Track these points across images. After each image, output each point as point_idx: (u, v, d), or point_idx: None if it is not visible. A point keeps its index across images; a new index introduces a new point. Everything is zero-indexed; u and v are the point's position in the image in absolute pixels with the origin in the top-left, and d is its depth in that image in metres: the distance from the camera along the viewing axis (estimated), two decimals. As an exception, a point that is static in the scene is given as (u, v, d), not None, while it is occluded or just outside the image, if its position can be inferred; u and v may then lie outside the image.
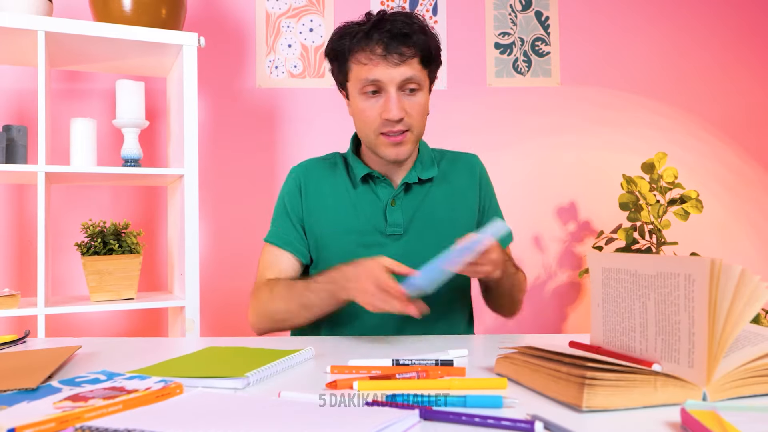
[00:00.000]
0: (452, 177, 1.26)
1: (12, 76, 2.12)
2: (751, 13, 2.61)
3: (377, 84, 1.11)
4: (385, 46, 1.09)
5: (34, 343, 1.01)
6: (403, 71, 1.10)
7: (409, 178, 1.20)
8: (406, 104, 1.12)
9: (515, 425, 0.52)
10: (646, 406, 0.57)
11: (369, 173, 1.21)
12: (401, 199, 1.21)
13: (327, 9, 2.38)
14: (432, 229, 1.19)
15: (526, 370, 0.68)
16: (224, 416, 0.54)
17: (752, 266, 2.49)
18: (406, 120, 1.12)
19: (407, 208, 1.20)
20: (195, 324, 1.77)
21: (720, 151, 2.56)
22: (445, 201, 1.23)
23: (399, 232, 1.19)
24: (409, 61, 1.11)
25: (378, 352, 0.91)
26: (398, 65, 1.10)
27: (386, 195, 1.21)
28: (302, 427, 0.50)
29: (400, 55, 1.09)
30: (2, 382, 0.66)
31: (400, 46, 1.09)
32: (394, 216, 1.19)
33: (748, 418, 0.51)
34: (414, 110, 1.13)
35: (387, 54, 1.09)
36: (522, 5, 2.50)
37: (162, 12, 1.83)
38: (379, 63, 1.10)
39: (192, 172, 1.80)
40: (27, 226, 2.13)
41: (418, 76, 1.12)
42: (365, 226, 1.19)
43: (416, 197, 1.22)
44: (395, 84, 1.11)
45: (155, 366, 0.76)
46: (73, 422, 0.52)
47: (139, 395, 0.59)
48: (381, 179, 1.21)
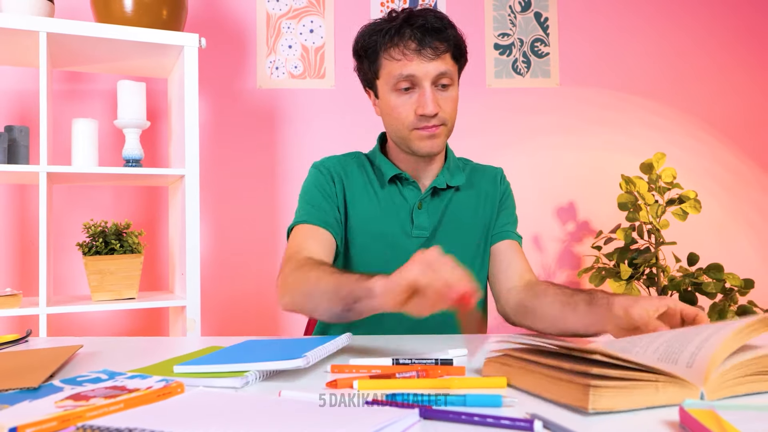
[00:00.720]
0: (478, 185, 1.25)
1: (14, 77, 2.12)
2: (749, 14, 2.61)
3: (411, 79, 1.10)
4: (418, 41, 1.09)
5: (35, 343, 1.01)
6: (437, 66, 1.09)
7: (438, 182, 1.19)
8: (440, 99, 1.11)
9: (514, 424, 0.52)
10: (648, 407, 0.56)
11: (398, 174, 1.20)
12: (428, 202, 1.19)
13: (327, 10, 2.37)
14: (457, 235, 1.18)
15: (521, 372, 0.66)
16: (225, 415, 0.54)
17: (749, 265, 2.49)
18: (441, 115, 1.11)
19: (433, 212, 1.19)
20: (196, 323, 1.77)
21: (718, 151, 2.56)
22: (471, 207, 1.22)
23: (425, 235, 1.17)
24: (442, 56, 1.10)
25: (378, 351, 0.90)
26: (432, 60, 1.09)
27: (413, 197, 1.19)
28: (302, 427, 0.50)
29: (434, 49, 1.09)
30: (4, 382, 0.66)
31: (434, 41, 1.09)
32: (421, 219, 1.18)
33: (745, 417, 0.51)
34: (447, 105, 1.12)
35: (421, 49, 1.09)
36: (521, 6, 2.50)
37: (163, 13, 1.83)
38: (413, 58, 1.09)
39: (193, 172, 1.79)
40: (29, 226, 2.13)
41: (451, 71, 1.12)
42: (391, 226, 1.18)
43: (443, 202, 1.20)
44: (430, 79, 1.10)
45: (157, 365, 0.76)
46: (75, 421, 0.52)
47: (141, 394, 0.59)
48: (409, 181, 1.20)
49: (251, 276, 2.28)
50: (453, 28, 1.13)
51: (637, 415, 0.54)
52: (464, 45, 1.16)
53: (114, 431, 0.47)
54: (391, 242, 1.17)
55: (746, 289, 2.09)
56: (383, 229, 1.17)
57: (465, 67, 1.20)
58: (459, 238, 1.18)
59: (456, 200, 1.21)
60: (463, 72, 1.21)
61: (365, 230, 1.18)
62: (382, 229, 1.17)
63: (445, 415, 0.55)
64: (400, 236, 1.17)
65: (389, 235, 1.17)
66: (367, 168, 1.24)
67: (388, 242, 1.17)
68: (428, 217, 1.18)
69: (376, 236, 1.17)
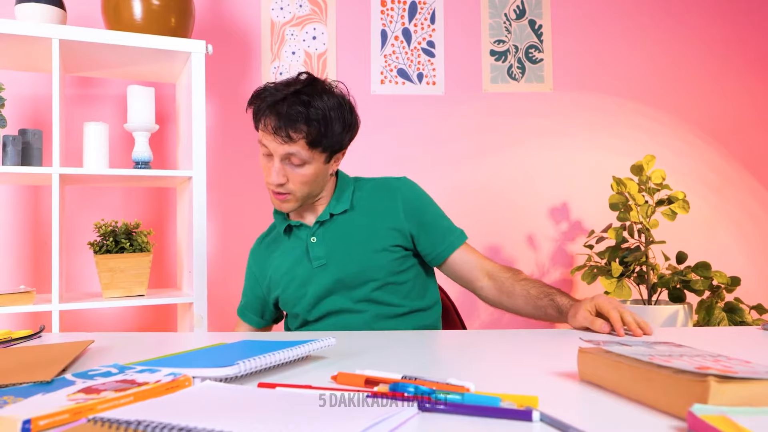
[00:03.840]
0: (371, 203, 1.27)
1: (28, 82, 2.12)
2: (738, 20, 2.61)
3: (267, 150, 1.17)
4: (273, 126, 1.14)
5: (48, 338, 1.01)
6: (286, 148, 1.14)
7: (321, 216, 1.24)
8: (289, 173, 1.17)
9: (513, 415, 0.52)
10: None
11: (288, 224, 1.27)
12: (320, 234, 1.24)
13: (329, 18, 2.37)
14: (352, 253, 1.22)
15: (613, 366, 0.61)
16: (230, 407, 0.54)
17: (736, 263, 2.49)
18: (288, 185, 1.17)
19: (327, 240, 1.24)
20: (203, 319, 1.77)
21: (706, 153, 2.56)
22: (363, 226, 1.24)
23: (323, 263, 1.22)
24: (295, 142, 1.13)
25: (385, 368, 0.83)
26: (282, 143, 1.13)
27: (306, 235, 1.25)
28: (304, 418, 0.50)
29: (285, 137, 1.13)
30: (18, 375, 0.66)
31: (287, 129, 1.12)
32: (316, 250, 1.23)
33: (760, 423, 0.46)
34: (296, 179, 1.17)
35: (274, 132, 1.13)
36: (516, 14, 2.49)
37: (171, 21, 1.82)
38: (268, 136, 1.15)
39: (200, 173, 1.79)
40: (42, 226, 2.13)
41: (303, 153, 1.14)
42: (298, 267, 1.24)
43: (335, 229, 1.24)
44: (279, 156, 1.15)
45: (163, 357, 0.76)
46: (86, 413, 0.52)
47: (149, 388, 0.59)
48: (299, 225, 1.26)
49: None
50: (308, 122, 1.12)
51: (645, 421, 0.52)
52: (330, 135, 1.15)
53: (124, 423, 0.47)
54: (301, 280, 1.23)
55: (733, 286, 2.09)
56: (294, 271, 1.24)
57: (351, 138, 1.23)
58: (354, 257, 1.22)
59: (348, 224, 1.25)
60: (460, 77, 1.20)
61: (283, 282, 1.26)
62: (293, 272, 1.25)
63: (444, 407, 0.54)
64: (306, 271, 1.23)
65: (299, 274, 1.24)
66: (278, 232, 1.32)
67: (300, 281, 1.23)
68: (323, 245, 1.23)
69: (290, 282, 1.25)
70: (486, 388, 0.62)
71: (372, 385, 0.64)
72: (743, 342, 0.94)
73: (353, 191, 1.29)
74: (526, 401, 0.55)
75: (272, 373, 0.72)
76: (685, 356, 0.60)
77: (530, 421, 0.51)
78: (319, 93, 1.15)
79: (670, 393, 0.53)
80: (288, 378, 0.69)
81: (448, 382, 0.61)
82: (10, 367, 0.72)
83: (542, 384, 0.66)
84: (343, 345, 0.90)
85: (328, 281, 1.20)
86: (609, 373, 0.62)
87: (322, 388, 0.61)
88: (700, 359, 0.58)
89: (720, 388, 0.50)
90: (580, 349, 0.68)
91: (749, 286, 2.40)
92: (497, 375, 0.72)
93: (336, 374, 0.67)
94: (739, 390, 0.50)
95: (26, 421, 0.48)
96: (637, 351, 0.62)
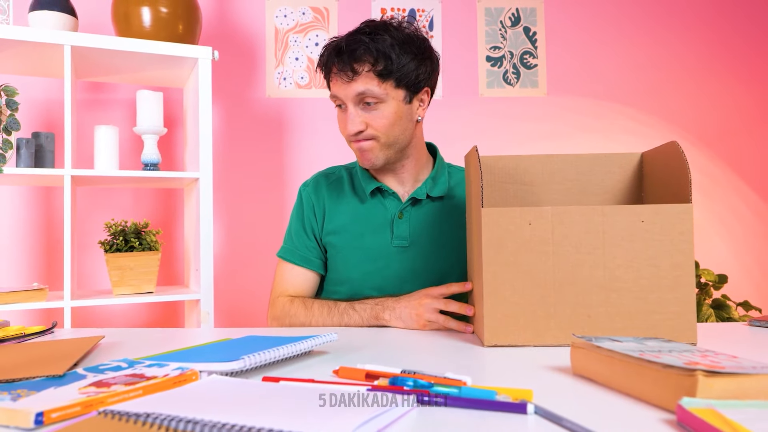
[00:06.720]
0: (458, 194, 1.18)
1: (40, 87, 2.12)
2: (721, 27, 2.61)
3: (337, 99, 1.07)
4: (336, 64, 1.03)
5: (60, 334, 1.01)
6: (354, 87, 1.02)
7: (417, 193, 1.13)
8: (367, 117, 1.05)
9: (508, 407, 0.52)
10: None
11: (378, 187, 1.14)
12: (409, 211, 1.13)
13: (331, 25, 2.37)
14: (436, 244, 1.12)
15: (605, 361, 0.61)
16: (235, 401, 0.54)
17: (723, 262, 2.49)
18: (368, 131, 1.05)
19: (414, 221, 1.13)
20: (209, 316, 1.77)
21: (693, 155, 2.56)
22: (451, 217, 1.14)
23: (404, 245, 1.12)
24: (361, 77, 1.02)
25: (385, 362, 0.88)
26: (349, 82, 1.02)
27: (394, 207, 1.14)
28: (307, 410, 0.50)
29: (349, 72, 1.02)
30: (31, 370, 0.66)
31: (350, 63, 1.01)
32: (401, 229, 1.12)
33: (748, 416, 0.46)
34: (376, 122, 1.05)
35: (339, 71, 1.03)
36: (511, 21, 2.49)
37: (179, 27, 1.82)
38: (335, 80, 1.05)
39: (207, 175, 1.79)
40: (54, 226, 2.13)
41: (375, 90, 1.02)
42: (373, 238, 1.13)
43: (424, 211, 1.14)
44: (350, 99, 1.04)
45: (170, 352, 0.76)
46: (97, 406, 0.52)
47: (158, 381, 0.59)
48: (389, 192, 1.14)
49: (261, 271, 2.28)
50: (371, 51, 1.01)
51: (635, 414, 0.52)
52: (400, 65, 1.02)
53: (133, 415, 0.47)
54: (373, 254, 1.12)
55: (720, 283, 2.09)
56: (363, 242, 1.13)
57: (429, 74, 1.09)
58: (437, 248, 1.12)
59: (438, 211, 1.15)
60: (458, 82, 1.19)
61: (350, 245, 1.14)
62: (362, 242, 1.13)
63: (442, 400, 0.54)
64: (381, 246, 1.12)
65: (368, 248, 1.13)
66: (347, 185, 1.19)
67: (371, 254, 1.12)
68: (408, 226, 1.12)
69: (357, 249, 1.13)
70: (482, 382, 0.62)
71: (372, 379, 0.64)
72: (730, 338, 0.93)
73: (448, 175, 1.18)
74: (520, 394, 0.55)
75: (276, 367, 0.72)
76: (674, 351, 0.60)
77: (525, 414, 0.51)
78: (383, 26, 1.03)
79: (660, 387, 0.53)
80: (292, 372, 0.69)
81: (446, 376, 0.61)
82: (23, 361, 0.72)
83: (536, 378, 0.66)
84: (344, 341, 0.90)
85: (402, 266, 1.08)
86: (601, 367, 0.62)
87: (325, 382, 0.61)
88: (689, 354, 0.58)
89: (708, 383, 0.50)
90: (573, 344, 0.68)
91: (736, 283, 2.40)
92: (493, 369, 0.72)
93: (338, 368, 0.67)
94: (726, 384, 0.50)
95: (39, 414, 0.48)
96: (628, 347, 0.62)
